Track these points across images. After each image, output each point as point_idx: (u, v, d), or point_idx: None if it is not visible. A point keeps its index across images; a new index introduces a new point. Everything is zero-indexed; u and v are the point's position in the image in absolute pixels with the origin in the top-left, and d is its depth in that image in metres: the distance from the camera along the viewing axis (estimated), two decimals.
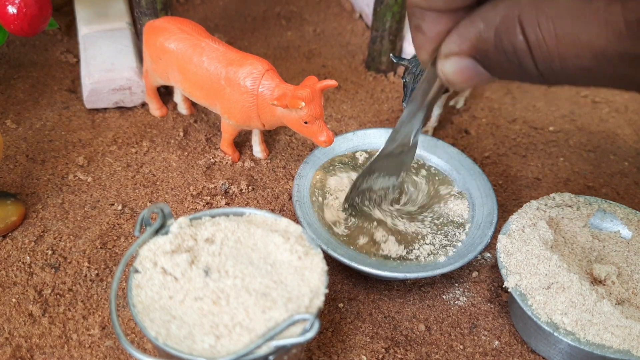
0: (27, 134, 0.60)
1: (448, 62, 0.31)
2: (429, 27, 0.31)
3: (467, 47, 0.29)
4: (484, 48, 0.29)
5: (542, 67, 0.27)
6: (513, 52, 0.28)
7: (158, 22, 0.56)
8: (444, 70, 0.31)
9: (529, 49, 0.27)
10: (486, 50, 0.29)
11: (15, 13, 0.53)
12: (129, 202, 0.54)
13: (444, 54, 0.31)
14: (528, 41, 0.27)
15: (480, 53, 0.29)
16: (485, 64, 0.29)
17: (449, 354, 0.45)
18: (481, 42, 0.29)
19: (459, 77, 0.31)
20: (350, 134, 0.56)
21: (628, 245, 0.47)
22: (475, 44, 0.29)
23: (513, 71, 0.29)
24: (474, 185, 0.52)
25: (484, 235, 0.48)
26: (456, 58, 0.30)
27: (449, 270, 0.45)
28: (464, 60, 0.30)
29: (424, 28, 0.31)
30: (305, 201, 0.50)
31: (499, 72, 0.30)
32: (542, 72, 0.28)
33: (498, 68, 0.29)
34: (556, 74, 0.27)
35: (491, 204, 0.50)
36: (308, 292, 0.36)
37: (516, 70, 0.29)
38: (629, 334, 0.40)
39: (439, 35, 0.31)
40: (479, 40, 0.29)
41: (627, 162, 0.62)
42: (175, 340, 0.34)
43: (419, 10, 0.31)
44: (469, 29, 0.29)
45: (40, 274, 0.48)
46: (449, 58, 0.30)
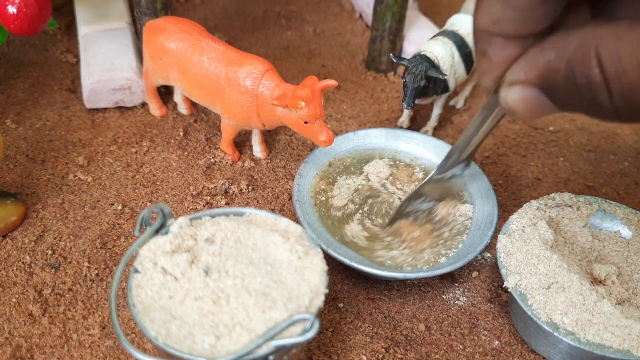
0: (27, 134, 0.59)
1: (512, 90, 0.29)
2: (495, 52, 0.30)
3: (535, 76, 0.28)
4: (552, 79, 0.27)
5: (619, 102, 0.26)
6: (586, 85, 0.26)
7: (158, 22, 0.56)
8: (507, 99, 0.29)
9: (605, 82, 0.25)
10: (555, 81, 0.27)
11: (15, 13, 0.53)
12: (129, 202, 0.54)
13: (509, 81, 0.29)
14: (605, 74, 0.25)
15: (548, 84, 0.28)
16: (552, 95, 0.28)
17: (449, 354, 0.45)
18: (550, 72, 0.27)
19: (522, 106, 0.29)
20: (350, 133, 0.56)
21: (628, 245, 0.47)
22: (543, 73, 0.28)
23: (583, 105, 0.27)
24: (474, 186, 0.52)
25: (484, 235, 0.48)
26: (521, 87, 0.29)
27: (448, 270, 0.45)
28: (530, 90, 0.28)
29: (490, 53, 0.30)
30: (305, 201, 0.50)
31: (566, 105, 0.28)
32: (619, 106, 0.26)
33: (566, 101, 0.28)
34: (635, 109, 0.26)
35: (491, 204, 0.50)
36: (308, 292, 0.36)
37: (586, 105, 0.27)
38: (629, 334, 0.40)
39: (506, 62, 0.30)
40: (548, 70, 0.27)
41: (627, 162, 0.62)
42: (175, 340, 0.34)
43: (486, 35, 0.30)
44: (538, 57, 0.28)
45: (40, 274, 0.48)
46: (513, 86, 0.29)
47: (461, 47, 0.58)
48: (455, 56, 0.57)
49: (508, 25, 0.28)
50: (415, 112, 0.65)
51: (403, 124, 0.63)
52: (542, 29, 0.29)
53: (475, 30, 0.30)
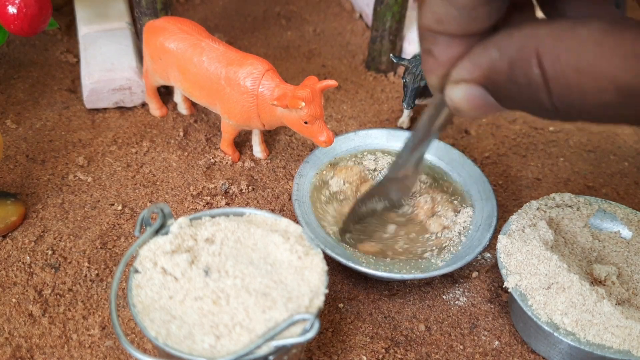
0: (27, 134, 0.59)
1: (457, 88, 0.29)
2: (440, 51, 0.30)
3: (478, 75, 0.28)
4: (495, 78, 0.27)
5: (558, 102, 0.26)
6: (527, 84, 0.26)
7: (158, 22, 0.56)
8: (452, 97, 0.30)
9: (545, 82, 0.26)
10: (498, 80, 0.27)
11: (15, 13, 0.53)
12: (129, 202, 0.54)
13: (454, 79, 0.29)
14: (545, 73, 0.25)
15: (492, 83, 0.28)
16: (495, 94, 0.28)
17: (449, 354, 0.45)
18: (493, 71, 0.27)
19: (467, 104, 0.29)
20: (351, 133, 0.56)
21: (628, 245, 0.47)
22: (486, 72, 0.28)
23: (524, 104, 0.27)
24: (474, 188, 0.52)
25: (482, 237, 0.48)
26: (466, 85, 0.29)
27: (445, 272, 0.45)
28: (474, 88, 0.29)
29: (435, 52, 0.30)
30: (304, 200, 0.50)
31: (509, 103, 0.28)
32: (558, 106, 0.26)
33: (509, 99, 0.28)
34: (573, 108, 0.26)
35: (491, 206, 0.50)
36: (308, 292, 0.36)
37: (528, 104, 0.27)
38: (629, 334, 0.40)
39: (450, 61, 0.30)
40: (491, 70, 0.27)
41: (627, 162, 0.62)
42: (175, 340, 0.34)
43: (431, 34, 0.30)
44: (481, 56, 0.28)
45: (40, 274, 0.48)
46: (458, 84, 0.29)
47: None
48: None
49: (451, 24, 0.28)
50: (415, 112, 0.65)
51: (403, 124, 0.63)
52: (486, 28, 0.29)
53: (420, 28, 0.30)
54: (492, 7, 0.28)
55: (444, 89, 0.30)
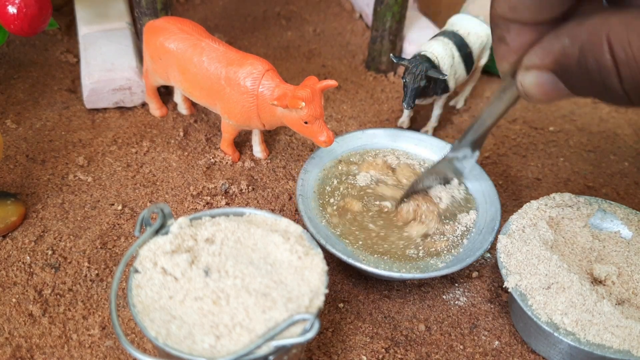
0: (27, 134, 0.59)
1: (528, 74, 0.30)
2: (512, 38, 0.31)
3: (550, 61, 0.29)
4: (566, 64, 0.28)
5: (628, 86, 0.27)
6: (597, 70, 0.27)
7: (158, 22, 0.56)
8: (524, 83, 0.31)
9: (615, 66, 0.26)
10: (569, 66, 0.28)
11: (15, 13, 0.53)
12: (129, 202, 0.54)
13: (525, 66, 0.30)
14: (616, 59, 0.26)
15: (563, 68, 0.29)
16: (566, 80, 0.29)
17: (449, 354, 0.45)
18: (564, 57, 0.28)
19: (537, 90, 0.30)
20: (359, 132, 0.57)
21: (628, 245, 0.47)
22: (558, 58, 0.29)
23: (595, 90, 0.28)
24: (479, 190, 0.52)
25: (484, 240, 0.48)
26: (537, 71, 0.30)
27: (445, 273, 0.45)
28: (545, 74, 0.30)
29: (507, 39, 0.31)
30: (308, 196, 0.51)
31: (579, 89, 0.29)
32: (628, 91, 0.27)
33: (579, 85, 0.29)
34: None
35: (494, 210, 0.50)
36: (308, 292, 0.36)
37: (598, 89, 0.28)
38: (629, 334, 0.40)
39: (522, 47, 0.31)
40: (563, 56, 0.28)
41: (627, 162, 0.62)
42: (175, 340, 0.34)
43: (504, 22, 0.31)
44: (553, 43, 0.29)
45: (40, 274, 0.48)
46: (529, 71, 0.30)
47: (461, 48, 0.58)
48: (456, 56, 0.57)
49: (524, 11, 0.30)
50: (415, 113, 0.65)
51: (403, 124, 0.63)
52: (557, 16, 0.30)
53: (493, 16, 0.31)
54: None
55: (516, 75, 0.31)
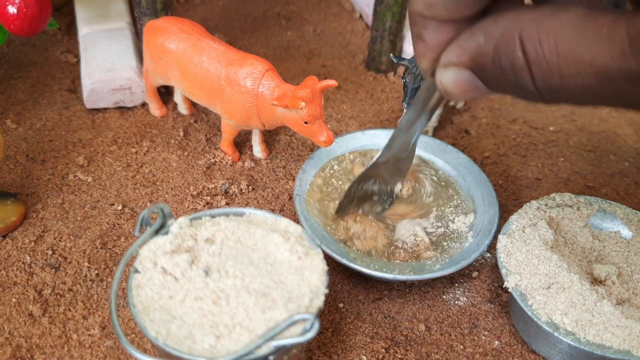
0: (27, 134, 0.59)
1: (446, 72, 0.30)
2: (430, 36, 0.31)
3: (466, 59, 0.29)
4: (482, 62, 0.28)
5: (540, 85, 0.27)
6: (510, 68, 0.27)
7: (158, 22, 0.56)
8: (442, 80, 0.31)
9: (527, 65, 0.26)
10: (484, 64, 0.28)
11: (15, 13, 0.53)
12: (129, 202, 0.54)
13: (443, 63, 0.30)
14: (527, 57, 0.26)
15: (478, 66, 0.29)
16: (482, 77, 0.29)
17: (449, 354, 0.45)
18: (480, 55, 0.28)
19: (456, 88, 0.30)
20: (359, 132, 0.57)
21: (628, 245, 0.47)
22: (473, 56, 0.29)
23: (510, 87, 0.28)
24: (477, 193, 0.52)
25: (480, 243, 0.47)
26: (455, 69, 0.30)
27: (438, 275, 0.45)
28: (462, 71, 0.30)
29: (425, 37, 0.31)
30: (303, 195, 0.51)
31: (496, 86, 0.29)
32: (540, 89, 0.27)
33: (495, 83, 0.29)
34: (555, 92, 0.27)
35: (493, 212, 0.50)
36: (308, 292, 0.36)
37: (513, 87, 0.28)
38: (629, 334, 0.40)
39: (440, 45, 0.31)
40: (478, 54, 0.28)
41: (627, 162, 0.62)
42: (175, 340, 0.34)
43: (421, 19, 0.31)
44: (468, 40, 0.29)
45: (40, 274, 0.48)
46: (447, 68, 0.30)
47: None
48: None
49: (440, 8, 0.29)
50: None
51: None
52: (475, 13, 0.30)
53: (411, 14, 0.31)
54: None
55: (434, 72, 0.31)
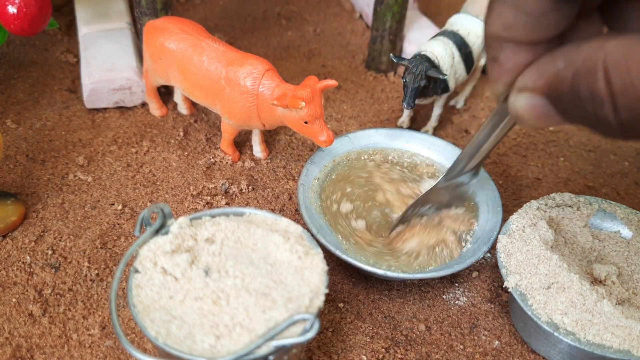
0: (27, 134, 0.59)
1: (521, 96, 0.29)
2: (506, 58, 0.30)
3: (543, 84, 0.28)
4: (559, 88, 0.27)
5: (625, 117, 0.25)
6: (590, 98, 0.26)
7: (158, 22, 0.56)
8: (515, 105, 0.29)
9: (610, 95, 0.25)
10: (561, 91, 0.27)
11: (15, 13, 0.53)
12: (129, 202, 0.54)
13: (518, 87, 0.29)
14: (611, 87, 0.25)
15: (555, 93, 0.27)
16: (558, 106, 0.28)
17: (449, 354, 0.45)
18: (557, 81, 0.27)
19: (529, 114, 0.29)
20: (372, 130, 0.57)
21: (628, 245, 0.47)
22: (550, 82, 0.27)
23: (586, 118, 0.27)
24: (483, 199, 0.51)
25: (477, 249, 0.47)
26: (530, 94, 0.29)
27: (432, 277, 0.45)
28: (537, 98, 0.28)
29: (501, 59, 0.30)
30: (308, 186, 0.51)
31: (571, 117, 0.28)
32: (624, 122, 0.25)
33: (571, 113, 0.27)
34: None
35: (495, 221, 0.49)
36: (308, 292, 0.36)
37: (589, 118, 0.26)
38: (629, 334, 0.40)
39: (517, 68, 0.29)
40: (556, 80, 0.27)
41: (627, 162, 0.62)
42: (175, 340, 0.34)
43: (497, 41, 0.29)
44: (547, 65, 0.28)
45: (40, 274, 0.48)
46: (522, 93, 0.29)
47: (461, 47, 0.58)
48: (456, 56, 0.57)
49: (519, 30, 0.28)
50: (415, 112, 0.65)
51: (403, 124, 0.63)
52: (553, 36, 0.29)
53: (487, 36, 0.30)
54: (561, 14, 0.28)
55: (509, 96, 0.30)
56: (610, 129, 0.26)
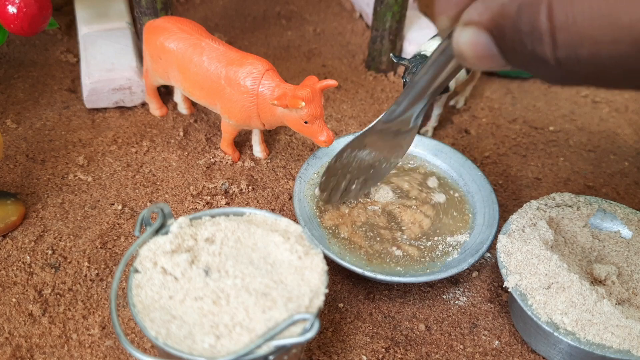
0: (27, 134, 0.59)
1: (465, 31, 0.28)
2: None
3: (487, 18, 0.27)
4: (502, 23, 0.26)
5: (563, 54, 0.24)
6: (530, 32, 0.25)
7: (158, 21, 0.56)
8: (459, 40, 0.28)
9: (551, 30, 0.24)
10: (504, 26, 0.26)
11: (15, 13, 0.53)
12: (129, 201, 0.54)
13: (464, 20, 0.28)
14: (553, 21, 0.24)
15: (498, 29, 0.26)
16: (500, 43, 0.27)
17: (449, 354, 0.45)
18: (501, 16, 0.26)
19: (471, 51, 0.28)
20: None
21: (628, 245, 0.47)
22: (495, 16, 0.26)
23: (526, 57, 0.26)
24: (480, 211, 0.51)
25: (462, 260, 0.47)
26: (474, 29, 0.27)
27: (426, 280, 0.45)
28: (481, 34, 0.27)
29: None
30: (306, 179, 0.52)
31: (511, 55, 0.27)
32: (562, 60, 0.24)
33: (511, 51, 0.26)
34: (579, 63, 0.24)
35: (488, 232, 0.48)
36: (308, 291, 0.36)
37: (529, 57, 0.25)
38: (629, 334, 0.40)
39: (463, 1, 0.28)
40: (500, 14, 0.26)
41: (627, 161, 0.62)
42: (175, 340, 0.34)
43: None
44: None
45: (40, 273, 0.48)
46: (467, 27, 0.28)
47: None
48: None
49: None
50: None
51: None
52: None
53: None
54: None
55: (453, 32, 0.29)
56: (548, 69, 0.25)
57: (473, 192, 0.53)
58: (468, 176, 0.54)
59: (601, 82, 0.25)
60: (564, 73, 0.25)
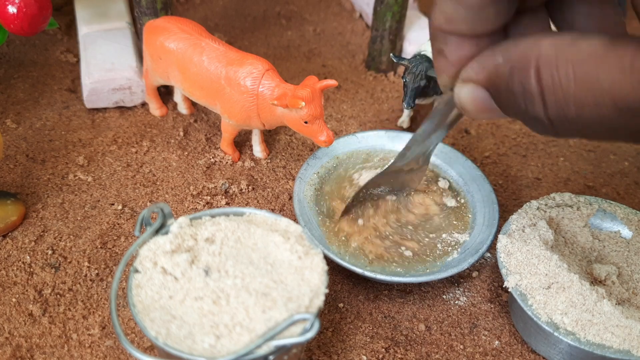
0: (27, 134, 0.59)
1: (465, 88, 0.30)
2: (451, 51, 0.30)
3: (483, 77, 0.28)
4: (497, 83, 0.28)
5: (553, 114, 0.26)
6: (522, 93, 0.26)
7: (158, 21, 0.56)
8: (460, 96, 0.30)
9: (540, 92, 0.26)
10: (499, 85, 0.28)
11: (15, 13, 0.53)
12: (129, 201, 0.54)
13: (462, 78, 0.30)
14: (541, 84, 0.25)
15: (494, 87, 0.28)
16: (497, 99, 0.28)
17: (449, 354, 0.45)
18: (496, 76, 0.28)
19: (472, 105, 0.30)
20: (382, 131, 0.57)
21: (628, 245, 0.47)
22: (490, 76, 0.28)
23: (520, 113, 0.27)
24: (481, 211, 0.51)
25: (462, 260, 0.47)
26: (472, 86, 0.29)
27: (424, 280, 0.45)
28: (479, 90, 0.29)
29: (446, 52, 0.31)
30: (305, 180, 0.52)
31: (507, 111, 0.28)
32: (553, 119, 0.26)
33: (507, 107, 0.28)
34: (568, 122, 0.26)
35: (488, 232, 0.48)
36: (308, 291, 0.36)
37: (523, 113, 0.27)
38: (629, 334, 0.40)
39: (461, 61, 0.30)
40: (494, 74, 0.28)
41: (627, 161, 0.62)
42: (175, 340, 0.34)
43: (442, 34, 0.30)
44: (488, 59, 0.28)
45: (40, 273, 0.48)
46: (466, 84, 0.30)
47: None
48: None
49: (461, 23, 0.29)
50: (415, 112, 0.65)
51: (403, 124, 0.63)
52: (495, 30, 0.29)
53: (432, 29, 0.31)
54: (499, 7, 0.28)
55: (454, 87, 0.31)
56: (542, 125, 0.27)
57: (473, 192, 0.53)
58: (468, 176, 0.54)
59: (593, 137, 0.27)
60: (557, 130, 0.27)
